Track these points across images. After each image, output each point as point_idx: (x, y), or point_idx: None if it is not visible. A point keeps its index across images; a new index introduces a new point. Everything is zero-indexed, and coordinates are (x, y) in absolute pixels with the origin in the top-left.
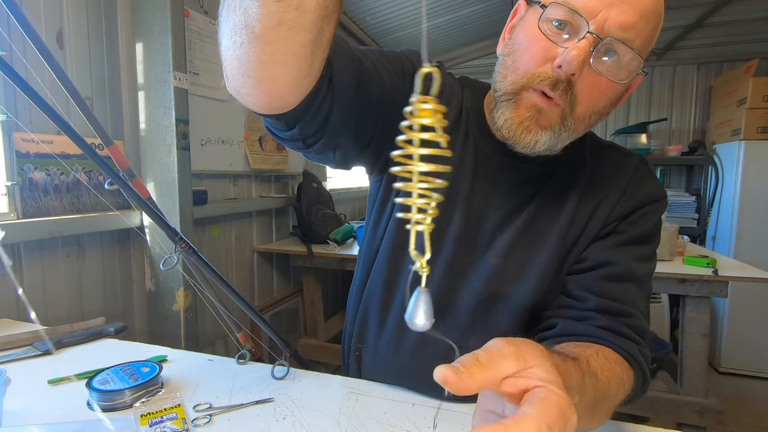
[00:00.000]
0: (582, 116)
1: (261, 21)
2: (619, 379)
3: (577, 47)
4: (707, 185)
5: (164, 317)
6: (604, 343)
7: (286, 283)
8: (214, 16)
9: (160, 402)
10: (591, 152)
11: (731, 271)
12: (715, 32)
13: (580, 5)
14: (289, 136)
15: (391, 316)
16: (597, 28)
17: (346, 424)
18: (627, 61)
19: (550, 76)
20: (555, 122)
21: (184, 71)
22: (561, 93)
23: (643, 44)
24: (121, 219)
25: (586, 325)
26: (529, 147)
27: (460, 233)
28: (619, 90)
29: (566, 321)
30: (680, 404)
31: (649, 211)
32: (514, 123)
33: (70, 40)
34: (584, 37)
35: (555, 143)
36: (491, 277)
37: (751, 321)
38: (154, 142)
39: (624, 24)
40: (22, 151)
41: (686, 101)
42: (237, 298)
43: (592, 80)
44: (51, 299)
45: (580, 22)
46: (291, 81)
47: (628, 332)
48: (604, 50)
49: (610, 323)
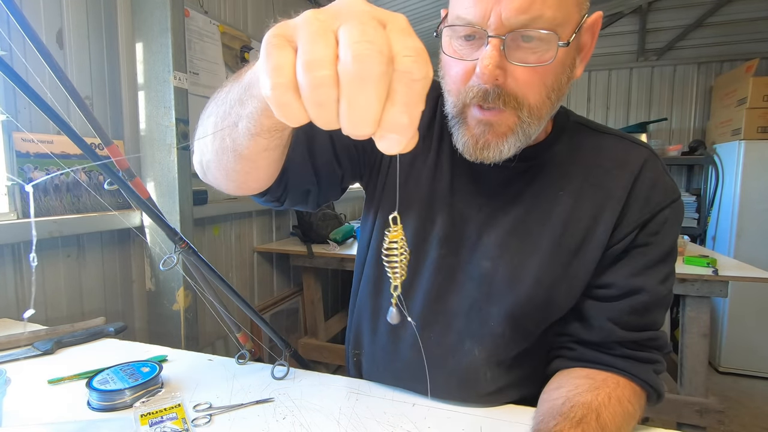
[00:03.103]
0: (536, 105)
1: (249, 148)
2: (631, 418)
3: (484, 57)
4: (707, 185)
5: (164, 317)
6: (622, 374)
7: (286, 283)
8: (214, 16)
9: (160, 402)
10: (585, 142)
11: (731, 270)
12: (715, 32)
13: (471, 15)
14: (262, 201)
15: (382, 323)
16: (496, 27)
17: (346, 424)
18: (545, 40)
19: (476, 92)
20: (510, 126)
21: (184, 71)
22: (496, 100)
23: (556, 10)
24: (121, 219)
25: (607, 356)
26: (496, 159)
27: (445, 234)
28: (562, 61)
29: (585, 348)
30: (680, 404)
31: (669, 217)
32: (470, 144)
33: (70, 40)
34: (488, 42)
35: (523, 142)
36: (482, 280)
37: (751, 321)
38: (154, 142)
39: (519, 8)
40: (22, 151)
41: (686, 101)
42: (237, 298)
43: (522, 72)
44: (51, 299)
45: (478, 31)
46: (265, 179)
47: (649, 356)
48: (517, 41)
49: (633, 353)
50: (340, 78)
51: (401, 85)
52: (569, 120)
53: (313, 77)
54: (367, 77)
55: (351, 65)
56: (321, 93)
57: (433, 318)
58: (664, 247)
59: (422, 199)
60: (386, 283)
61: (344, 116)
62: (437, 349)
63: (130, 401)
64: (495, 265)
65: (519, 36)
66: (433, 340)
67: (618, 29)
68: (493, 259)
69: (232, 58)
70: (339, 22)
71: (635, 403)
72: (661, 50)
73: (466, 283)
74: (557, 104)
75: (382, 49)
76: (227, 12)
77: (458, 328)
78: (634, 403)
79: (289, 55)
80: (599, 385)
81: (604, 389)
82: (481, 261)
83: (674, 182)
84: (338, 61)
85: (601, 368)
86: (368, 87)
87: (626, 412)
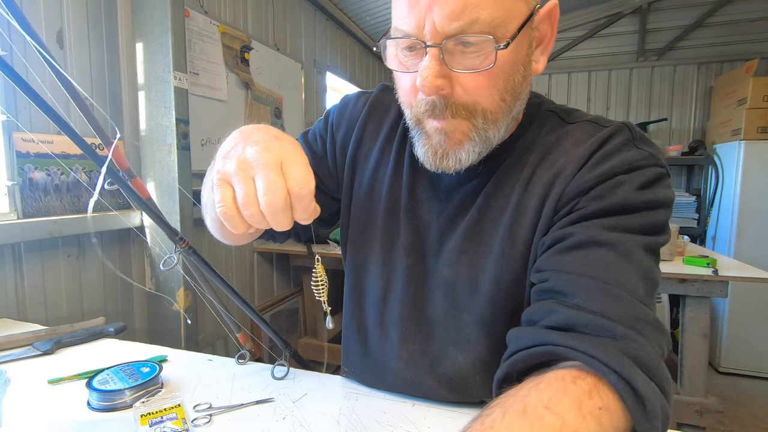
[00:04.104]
0: (489, 109)
1: (227, 236)
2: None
3: (422, 69)
4: (707, 185)
5: (164, 317)
6: (568, 353)
7: (286, 283)
8: (214, 16)
9: (160, 402)
10: (552, 130)
11: (731, 271)
12: (715, 32)
13: (407, 26)
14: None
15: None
16: (432, 36)
17: (346, 424)
18: (483, 44)
19: (424, 105)
20: (466, 133)
21: (184, 71)
22: (445, 110)
23: (493, 10)
24: (121, 219)
25: (538, 331)
26: (457, 167)
27: (410, 243)
28: (511, 60)
29: (518, 331)
30: (680, 404)
31: (624, 180)
32: (429, 154)
33: (70, 40)
34: (426, 52)
35: (483, 147)
36: (446, 288)
37: (751, 321)
38: (154, 142)
39: (451, 14)
40: (22, 151)
41: (686, 101)
42: (237, 298)
43: (468, 78)
44: (51, 299)
45: (416, 41)
46: (250, 239)
47: (600, 323)
48: (456, 47)
49: (568, 315)
50: (261, 209)
51: (297, 202)
52: (541, 109)
53: (246, 213)
54: (275, 210)
55: (265, 207)
56: (252, 218)
57: (414, 327)
58: (610, 202)
59: (385, 209)
60: (367, 299)
61: (270, 224)
62: (424, 358)
63: (130, 401)
64: (455, 271)
65: (454, 44)
66: (418, 350)
67: (618, 29)
68: (452, 265)
69: (232, 58)
70: (254, 171)
71: (560, 402)
72: (661, 50)
73: (435, 290)
74: (515, 104)
75: (281, 192)
76: (227, 12)
77: (439, 335)
78: (556, 404)
79: (230, 191)
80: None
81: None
82: (442, 269)
83: (649, 153)
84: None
85: (539, 353)
86: (278, 213)
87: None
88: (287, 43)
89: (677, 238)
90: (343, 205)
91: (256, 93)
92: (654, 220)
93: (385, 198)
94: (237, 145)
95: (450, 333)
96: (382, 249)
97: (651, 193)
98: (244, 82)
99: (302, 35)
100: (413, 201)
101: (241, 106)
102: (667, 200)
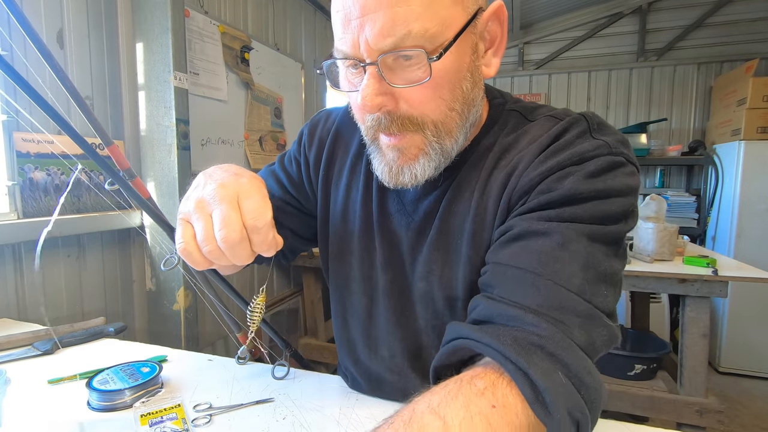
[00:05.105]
0: (439, 120)
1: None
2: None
3: (362, 88)
4: (707, 185)
5: (164, 317)
6: (475, 346)
7: (286, 283)
8: (214, 16)
9: (160, 402)
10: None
11: (731, 271)
12: (715, 32)
13: (344, 46)
14: None
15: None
16: (368, 54)
17: (346, 424)
18: (418, 58)
19: (371, 121)
20: (419, 146)
21: (184, 71)
22: (392, 126)
23: (426, 20)
24: (122, 219)
25: (459, 325)
26: (413, 182)
27: (385, 258)
28: (455, 68)
29: (450, 325)
30: (680, 404)
31: (572, 171)
32: (386, 171)
33: (70, 40)
34: (365, 70)
35: (438, 160)
36: (423, 300)
37: (751, 321)
38: (155, 142)
39: (382, 31)
40: (22, 151)
41: (686, 101)
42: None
43: (410, 92)
44: (51, 299)
45: (354, 61)
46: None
47: (513, 313)
48: (392, 63)
49: (487, 306)
50: (219, 245)
51: (254, 235)
52: (504, 109)
53: (205, 249)
54: (232, 244)
55: (221, 242)
56: (211, 254)
57: (401, 344)
58: (554, 194)
59: (360, 226)
60: (352, 317)
61: (230, 258)
62: (414, 372)
63: (130, 401)
64: (428, 284)
65: (390, 60)
66: (408, 365)
67: (618, 29)
68: (425, 278)
69: (232, 58)
70: (210, 208)
71: (448, 405)
72: (661, 50)
73: (416, 304)
74: (469, 112)
75: (236, 226)
76: (227, 12)
77: (426, 345)
78: (443, 407)
79: (190, 229)
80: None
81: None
82: (418, 282)
83: (603, 142)
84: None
85: (459, 345)
86: (235, 247)
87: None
88: (287, 43)
89: (677, 238)
90: (319, 222)
91: (256, 93)
92: (605, 210)
93: (360, 214)
94: (198, 186)
95: (435, 344)
96: (361, 266)
97: (600, 181)
98: (244, 82)
99: (302, 35)
100: (384, 215)
101: (241, 106)
102: (623, 188)
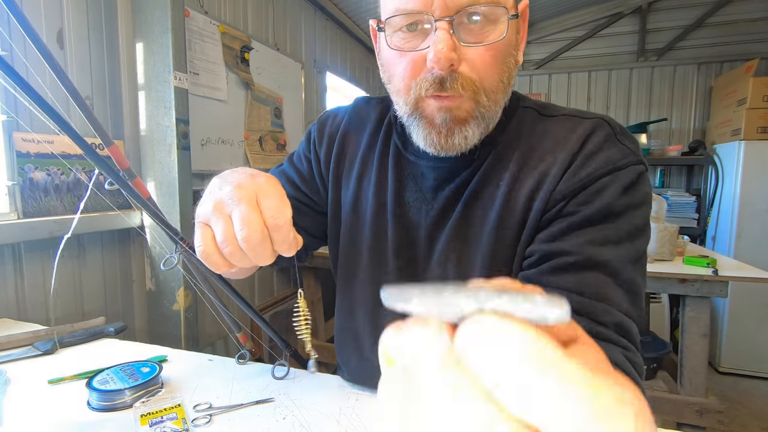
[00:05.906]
0: (491, 88)
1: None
2: None
3: (436, 42)
4: (707, 185)
5: (164, 317)
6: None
7: (286, 283)
8: (214, 16)
9: (160, 402)
10: (532, 127)
11: (731, 271)
12: (715, 32)
13: (412, 3)
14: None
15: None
16: (442, 10)
17: (346, 424)
18: (492, 16)
19: (431, 80)
20: (470, 111)
21: (184, 71)
22: (454, 85)
23: None
24: (122, 219)
25: None
26: (464, 145)
27: (398, 245)
28: (510, 41)
29: None
30: (680, 404)
31: (608, 183)
32: (434, 137)
33: (70, 40)
34: (436, 27)
35: (483, 128)
36: None
37: (751, 321)
38: (155, 142)
39: None
40: (22, 151)
41: (686, 101)
42: (237, 298)
43: (475, 54)
44: (51, 299)
45: (422, 18)
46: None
47: (603, 332)
48: (465, 21)
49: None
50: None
51: (275, 234)
52: (519, 106)
53: (225, 250)
54: (254, 245)
55: (242, 242)
56: (232, 256)
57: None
58: (595, 208)
59: (372, 215)
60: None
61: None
62: None
63: (130, 401)
64: (444, 270)
65: (464, 17)
66: None
67: (618, 29)
68: (442, 264)
69: (232, 58)
70: (229, 208)
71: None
72: (661, 50)
73: None
74: (509, 89)
75: (257, 225)
76: (227, 12)
77: None
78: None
79: (209, 232)
80: None
81: None
82: (435, 268)
83: (629, 149)
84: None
85: None
86: (257, 247)
87: None
88: (287, 43)
89: (677, 238)
90: (330, 217)
91: (256, 93)
92: (636, 222)
93: (372, 204)
94: (213, 190)
95: None
96: (370, 254)
97: (631, 196)
98: (244, 82)
99: (302, 35)
100: (399, 204)
101: (241, 106)
102: (646, 197)
